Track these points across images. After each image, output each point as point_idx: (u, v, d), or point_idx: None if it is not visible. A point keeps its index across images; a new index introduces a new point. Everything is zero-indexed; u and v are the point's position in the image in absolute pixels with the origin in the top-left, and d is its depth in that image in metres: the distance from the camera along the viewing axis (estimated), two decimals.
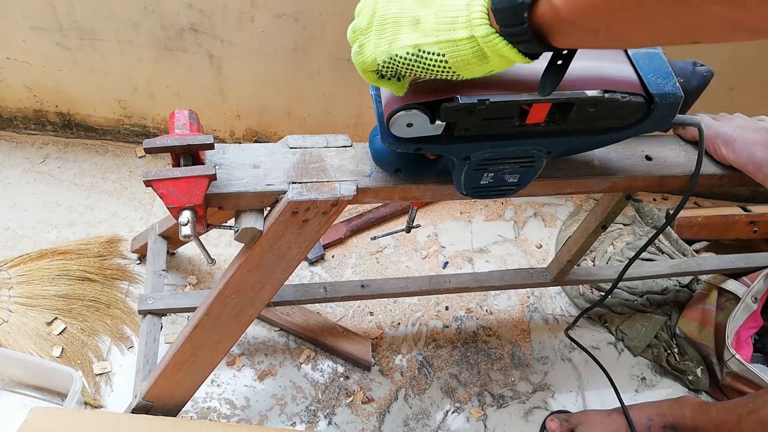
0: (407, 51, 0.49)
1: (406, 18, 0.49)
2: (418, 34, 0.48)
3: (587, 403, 1.12)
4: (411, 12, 0.49)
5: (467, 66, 0.49)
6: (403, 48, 0.49)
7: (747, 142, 0.77)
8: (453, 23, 0.47)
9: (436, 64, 0.49)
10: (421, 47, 0.49)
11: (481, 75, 0.50)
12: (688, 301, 1.22)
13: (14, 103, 1.29)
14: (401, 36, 0.49)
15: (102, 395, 1.03)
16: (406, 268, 1.26)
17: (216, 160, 0.68)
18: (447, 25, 0.47)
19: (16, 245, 1.17)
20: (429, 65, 0.49)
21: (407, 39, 0.49)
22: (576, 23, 0.42)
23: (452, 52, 0.48)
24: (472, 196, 0.69)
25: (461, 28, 0.46)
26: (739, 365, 1.06)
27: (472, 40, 0.47)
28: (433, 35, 0.48)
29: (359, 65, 0.53)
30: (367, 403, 1.08)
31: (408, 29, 0.49)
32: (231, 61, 1.17)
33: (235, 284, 0.73)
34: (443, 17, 0.47)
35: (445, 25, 0.47)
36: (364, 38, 0.52)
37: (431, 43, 0.48)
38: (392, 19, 0.50)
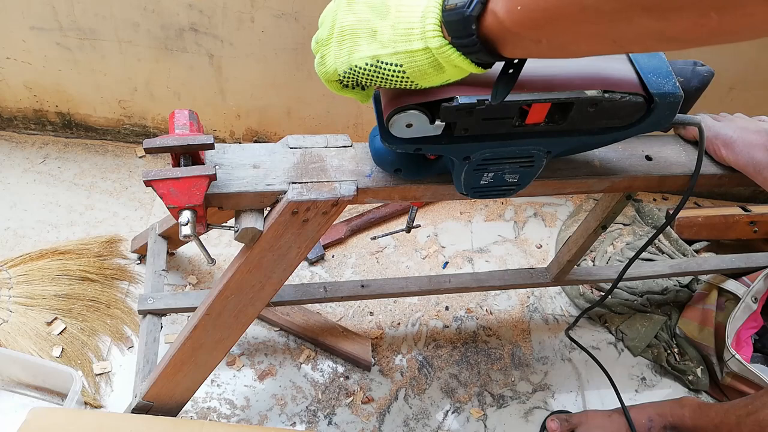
0: (366, 62, 0.51)
1: (363, 29, 0.51)
2: (375, 45, 0.50)
3: (587, 403, 1.12)
4: (368, 23, 0.50)
5: (424, 76, 0.50)
6: (362, 59, 0.51)
7: (747, 144, 0.77)
8: (408, 35, 0.48)
9: (394, 75, 0.50)
10: (378, 58, 0.50)
11: (439, 84, 0.52)
12: (688, 301, 1.22)
13: (14, 103, 1.29)
14: (359, 47, 0.51)
15: (102, 395, 1.03)
16: (406, 268, 1.26)
17: (216, 160, 0.68)
18: (403, 36, 0.48)
19: (16, 245, 1.17)
20: (387, 75, 0.51)
21: (365, 50, 0.50)
22: (519, 34, 0.43)
23: (409, 62, 0.49)
24: (472, 196, 0.69)
25: (416, 40, 0.48)
26: (739, 365, 1.06)
27: (427, 51, 0.48)
28: (390, 46, 0.49)
29: (322, 75, 0.55)
30: (367, 403, 1.08)
31: (366, 40, 0.50)
32: (231, 61, 1.17)
33: (235, 284, 0.73)
34: (399, 29, 0.48)
35: (402, 37, 0.48)
36: (325, 49, 0.54)
37: (389, 54, 0.49)
38: (350, 30, 0.51)
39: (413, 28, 0.48)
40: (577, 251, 1.00)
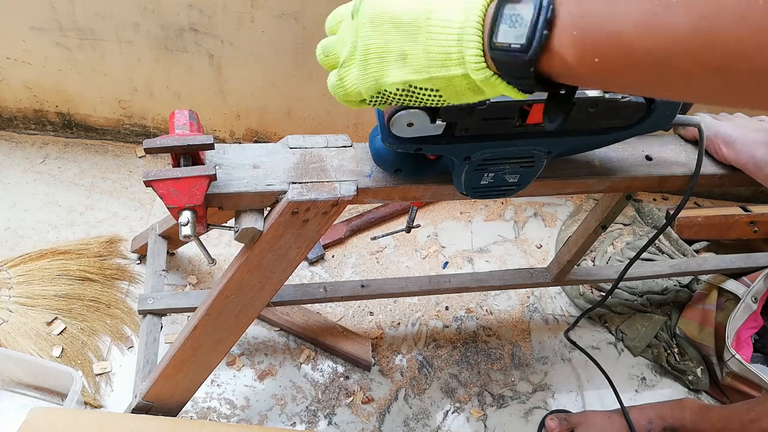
0: (397, 87, 0.47)
1: (392, 52, 0.47)
2: (407, 70, 0.46)
3: (587, 403, 1.12)
4: (397, 45, 0.46)
5: (460, 97, 0.47)
6: (392, 84, 0.47)
7: (747, 142, 0.77)
8: (445, 59, 0.44)
9: (428, 97, 0.48)
10: (412, 83, 0.47)
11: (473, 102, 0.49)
12: (688, 301, 1.22)
13: (14, 103, 1.29)
14: (389, 71, 0.47)
15: (102, 395, 1.03)
16: (406, 268, 1.26)
17: (216, 160, 0.68)
18: (439, 61, 0.44)
19: (16, 245, 1.17)
20: (420, 98, 0.48)
21: (396, 75, 0.47)
22: (589, 77, 0.41)
23: (446, 87, 0.46)
24: (472, 196, 0.69)
25: (455, 66, 0.44)
26: (739, 365, 1.06)
27: (468, 78, 0.45)
28: (424, 72, 0.46)
29: (341, 97, 0.51)
30: (367, 403, 1.08)
31: (396, 65, 0.47)
32: (231, 61, 1.17)
33: (235, 284, 0.73)
34: (434, 53, 0.44)
35: (438, 62, 0.45)
36: (345, 71, 0.50)
37: (423, 79, 0.46)
38: (376, 52, 0.47)
39: (450, 53, 0.44)
40: (577, 251, 1.00)
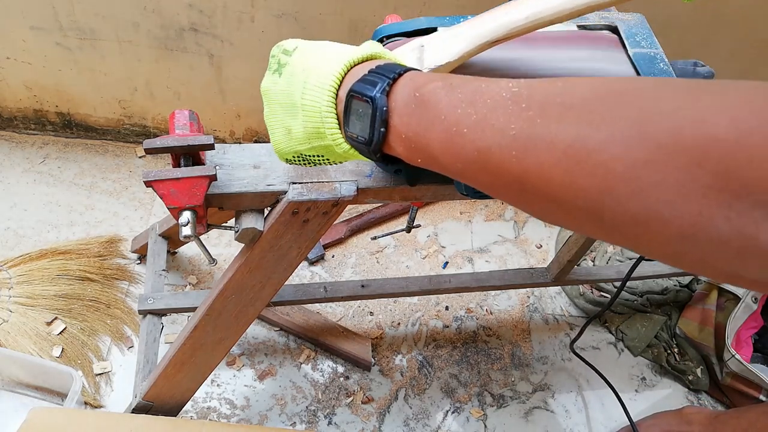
0: (293, 155, 0.54)
1: (279, 128, 0.53)
2: (294, 143, 0.52)
3: (587, 404, 1.12)
4: (282, 123, 0.53)
5: (344, 159, 0.52)
6: (288, 153, 0.54)
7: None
8: (318, 133, 0.50)
9: (321, 161, 0.54)
10: (300, 153, 0.53)
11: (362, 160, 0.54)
12: (688, 301, 1.22)
13: (14, 103, 1.29)
14: (282, 143, 0.54)
15: (102, 395, 1.03)
16: (406, 268, 1.26)
17: (216, 161, 0.68)
18: (315, 134, 0.50)
19: (16, 245, 1.17)
20: (316, 161, 0.54)
21: (287, 146, 0.53)
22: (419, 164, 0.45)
23: (328, 153, 0.51)
24: (472, 196, 0.69)
25: (325, 138, 0.49)
26: (739, 365, 1.06)
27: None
28: (306, 143, 0.51)
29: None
30: (367, 403, 1.08)
31: (285, 138, 0.53)
32: (231, 60, 1.17)
33: (236, 284, 0.73)
34: (308, 127, 0.50)
35: (314, 135, 0.50)
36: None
37: (307, 149, 0.52)
38: (272, 127, 0.54)
39: (319, 128, 0.49)
40: (577, 251, 1.00)
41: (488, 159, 0.38)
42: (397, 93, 0.44)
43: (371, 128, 0.45)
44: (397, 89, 0.45)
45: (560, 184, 0.34)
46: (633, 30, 0.68)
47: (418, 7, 1.06)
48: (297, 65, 0.51)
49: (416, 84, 0.44)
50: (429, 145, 0.42)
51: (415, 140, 0.43)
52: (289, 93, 0.51)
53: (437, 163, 0.43)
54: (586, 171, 0.32)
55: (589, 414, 1.12)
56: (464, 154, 0.39)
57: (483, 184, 0.40)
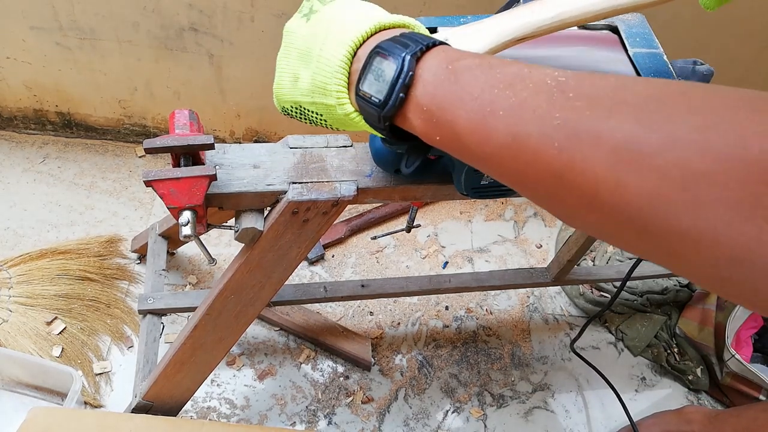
0: (291, 105, 0.52)
1: (287, 73, 0.51)
2: (296, 92, 0.51)
3: (587, 404, 1.13)
4: (293, 68, 0.51)
5: (343, 125, 0.50)
6: (287, 101, 0.52)
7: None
8: (324, 89, 0.47)
9: (316, 120, 0.51)
10: (300, 104, 0.51)
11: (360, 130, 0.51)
12: (688, 300, 1.22)
13: (14, 103, 1.29)
14: (285, 90, 0.52)
15: (102, 395, 1.03)
16: (406, 268, 1.26)
17: (216, 160, 0.68)
18: (320, 89, 0.48)
19: (16, 245, 1.17)
20: (311, 119, 0.51)
21: (289, 94, 0.52)
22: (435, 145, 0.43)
23: (327, 113, 0.49)
24: (472, 196, 0.69)
25: (331, 96, 0.47)
26: (739, 365, 1.06)
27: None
28: (309, 96, 0.49)
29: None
30: (367, 403, 1.08)
31: (289, 85, 0.51)
32: (231, 60, 1.17)
33: (235, 284, 0.73)
34: (317, 80, 0.48)
35: (319, 89, 0.48)
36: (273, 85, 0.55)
37: (308, 102, 0.50)
38: (280, 71, 0.52)
39: (327, 83, 0.47)
40: (577, 251, 1.00)
41: (525, 147, 0.35)
42: (427, 62, 0.41)
43: (390, 90, 0.42)
44: (427, 58, 0.42)
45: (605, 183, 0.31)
46: (633, 30, 0.68)
47: (418, 7, 1.05)
48: (327, 15, 0.49)
49: (450, 57, 0.41)
50: (454, 123, 0.39)
51: (438, 115, 0.40)
52: (309, 40, 0.49)
53: (459, 145, 0.39)
54: (638, 173, 0.30)
55: (589, 414, 1.12)
56: (496, 137, 0.36)
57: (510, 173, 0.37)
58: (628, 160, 0.30)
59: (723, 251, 0.27)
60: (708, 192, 0.27)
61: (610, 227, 0.33)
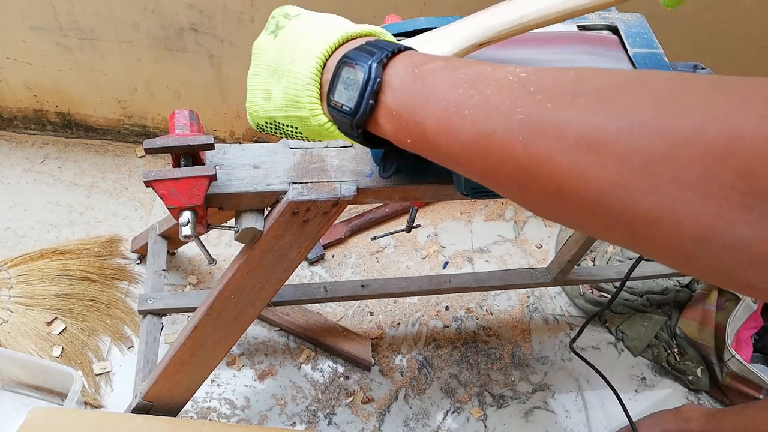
0: (265, 120, 0.52)
1: (260, 90, 0.52)
2: (270, 108, 0.51)
3: (587, 404, 1.12)
4: (264, 85, 0.51)
5: (318, 135, 0.50)
6: (261, 117, 0.52)
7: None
8: (297, 102, 0.48)
9: (292, 133, 0.51)
10: (275, 119, 0.51)
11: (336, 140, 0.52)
12: (689, 301, 1.22)
13: (14, 103, 1.29)
14: (258, 107, 0.52)
15: (102, 395, 1.03)
16: (406, 268, 1.26)
17: (216, 161, 0.68)
18: (293, 102, 0.48)
19: (16, 245, 1.17)
20: (287, 133, 0.51)
21: (263, 111, 0.52)
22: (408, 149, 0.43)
23: (302, 126, 0.49)
24: (472, 196, 0.69)
25: (303, 109, 0.48)
26: (739, 365, 1.06)
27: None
28: (282, 110, 0.50)
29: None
30: (367, 403, 1.08)
31: (262, 101, 0.52)
32: (231, 60, 1.17)
33: (236, 284, 0.73)
34: (289, 94, 0.48)
35: (292, 102, 0.48)
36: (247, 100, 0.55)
37: (282, 117, 0.50)
38: (252, 88, 0.52)
39: (299, 97, 0.47)
40: (577, 251, 1.00)
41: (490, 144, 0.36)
42: (393, 68, 0.42)
43: (360, 98, 0.43)
44: (393, 64, 0.43)
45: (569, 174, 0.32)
46: (633, 30, 0.68)
47: (418, 7, 1.05)
48: (293, 30, 0.49)
49: (415, 61, 0.42)
50: (422, 125, 0.40)
51: (407, 118, 0.41)
52: (278, 56, 0.50)
53: (429, 145, 0.40)
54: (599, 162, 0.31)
55: (589, 414, 1.12)
56: (463, 136, 0.37)
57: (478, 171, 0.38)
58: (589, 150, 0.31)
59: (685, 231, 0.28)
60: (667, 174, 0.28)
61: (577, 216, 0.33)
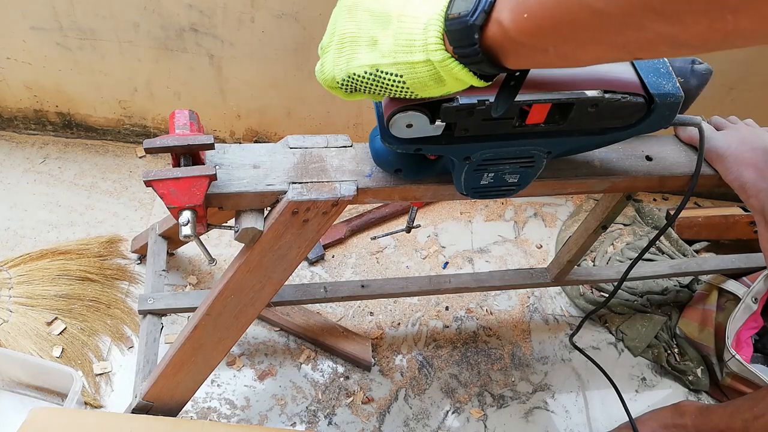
0: (365, 70, 0.50)
1: (363, 37, 0.50)
2: (375, 54, 0.49)
3: (588, 404, 1.12)
4: (369, 32, 0.50)
5: (424, 87, 0.49)
6: (360, 67, 0.50)
7: (738, 161, 0.76)
8: (410, 46, 0.47)
9: (393, 84, 0.50)
10: (379, 67, 0.49)
11: (438, 96, 0.51)
12: (689, 301, 1.22)
13: (14, 103, 1.29)
14: (359, 55, 0.50)
15: (102, 395, 1.03)
16: (406, 268, 1.26)
17: (216, 160, 0.68)
18: (404, 47, 0.48)
19: (17, 245, 1.17)
20: (387, 84, 0.50)
21: (365, 58, 0.50)
22: (525, 43, 0.43)
23: (409, 73, 0.48)
24: (472, 196, 0.69)
25: (418, 51, 0.47)
26: (739, 365, 1.06)
27: (429, 64, 0.47)
28: (390, 56, 0.48)
29: (322, 82, 0.54)
30: (367, 403, 1.08)
31: (366, 49, 0.50)
32: (231, 61, 1.17)
33: (236, 284, 0.73)
34: (401, 39, 0.47)
35: (403, 47, 0.48)
36: (324, 56, 0.53)
37: (389, 63, 0.49)
38: (350, 37, 0.51)
39: (415, 39, 0.47)
40: (577, 251, 1.00)
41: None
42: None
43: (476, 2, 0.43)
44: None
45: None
46: None
47: None
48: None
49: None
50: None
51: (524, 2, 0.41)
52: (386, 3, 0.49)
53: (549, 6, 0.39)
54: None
55: (590, 414, 1.12)
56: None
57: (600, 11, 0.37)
58: None
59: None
60: None
61: None
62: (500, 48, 0.44)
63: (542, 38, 0.42)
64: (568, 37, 0.41)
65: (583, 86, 0.57)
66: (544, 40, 0.42)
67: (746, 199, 0.76)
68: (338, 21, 0.52)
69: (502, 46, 0.44)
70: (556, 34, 0.41)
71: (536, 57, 0.44)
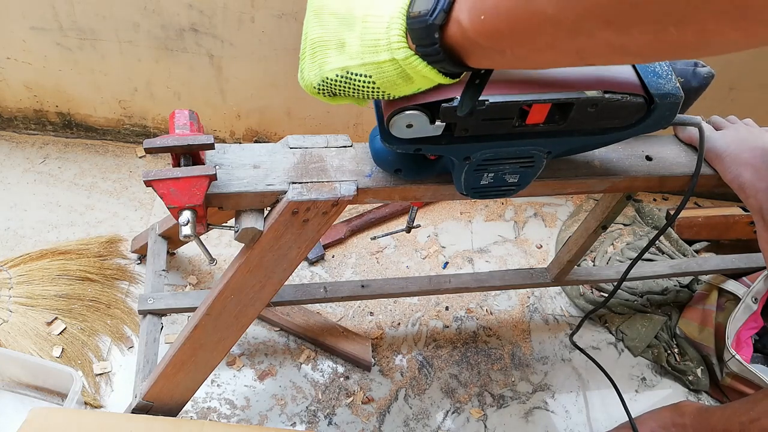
0: (336, 73, 0.51)
1: (332, 41, 0.51)
2: (344, 57, 0.50)
3: (588, 404, 1.12)
4: (336, 35, 0.51)
5: (394, 86, 0.50)
6: (332, 71, 0.51)
7: (736, 161, 0.76)
8: (375, 46, 0.48)
9: (364, 85, 0.50)
10: (348, 69, 0.50)
11: (410, 93, 0.52)
12: (689, 301, 1.22)
13: (14, 103, 1.29)
14: (329, 59, 0.51)
15: (102, 395, 1.03)
16: (406, 268, 1.26)
17: (216, 160, 0.68)
18: (370, 48, 0.48)
19: (16, 245, 1.17)
20: (358, 86, 0.51)
21: (334, 62, 0.51)
22: (483, 44, 0.43)
23: (378, 73, 0.49)
24: (472, 196, 0.69)
25: (383, 51, 0.48)
26: (739, 366, 1.06)
27: (394, 62, 0.48)
28: (358, 58, 0.49)
29: (304, 89, 0.55)
30: (367, 403, 1.08)
31: (335, 52, 0.51)
32: (231, 61, 1.17)
33: (236, 284, 0.73)
34: (366, 39, 0.48)
35: (369, 48, 0.48)
36: (302, 63, 0.54)
37: (357, 65, 0.49)
38: (320, 42, 0.51)
39: (379, 39, 0.47)
40: (577, 251, 1.00)
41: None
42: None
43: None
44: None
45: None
46: None
47: None
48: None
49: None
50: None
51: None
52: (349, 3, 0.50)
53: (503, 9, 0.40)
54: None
55: (590, 414, 1.12)
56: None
57: (552, 16, 0.38)
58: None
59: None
60: None
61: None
62: (461, 47, 0.45)
63: (499, 41, 0.42)
64: (524, 40, 0.41)
65: (583, 86, 0.57)
66: (501, 42, 0.42)
67: (745, 199, 0.76)
68: (308, 27, 0.53)
69: (462, 46, 0.45)
70: (512, 37, 0.41)
71: (495, 58, 0.45)
